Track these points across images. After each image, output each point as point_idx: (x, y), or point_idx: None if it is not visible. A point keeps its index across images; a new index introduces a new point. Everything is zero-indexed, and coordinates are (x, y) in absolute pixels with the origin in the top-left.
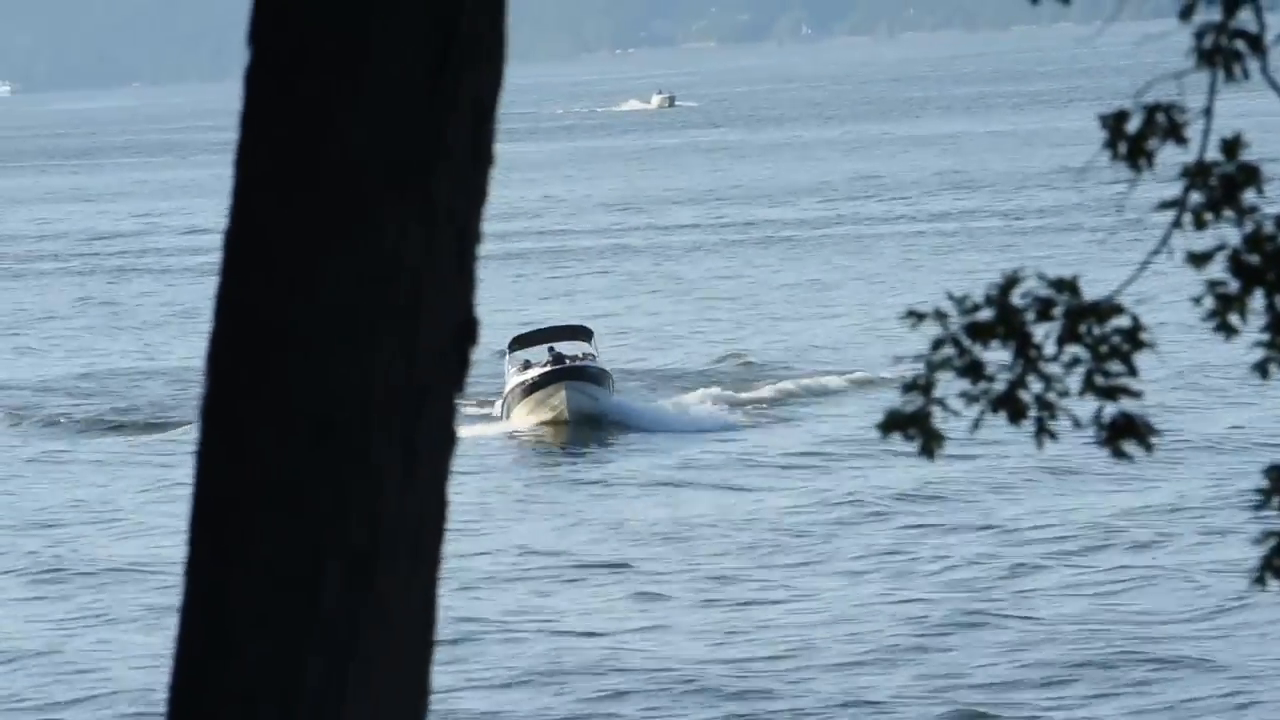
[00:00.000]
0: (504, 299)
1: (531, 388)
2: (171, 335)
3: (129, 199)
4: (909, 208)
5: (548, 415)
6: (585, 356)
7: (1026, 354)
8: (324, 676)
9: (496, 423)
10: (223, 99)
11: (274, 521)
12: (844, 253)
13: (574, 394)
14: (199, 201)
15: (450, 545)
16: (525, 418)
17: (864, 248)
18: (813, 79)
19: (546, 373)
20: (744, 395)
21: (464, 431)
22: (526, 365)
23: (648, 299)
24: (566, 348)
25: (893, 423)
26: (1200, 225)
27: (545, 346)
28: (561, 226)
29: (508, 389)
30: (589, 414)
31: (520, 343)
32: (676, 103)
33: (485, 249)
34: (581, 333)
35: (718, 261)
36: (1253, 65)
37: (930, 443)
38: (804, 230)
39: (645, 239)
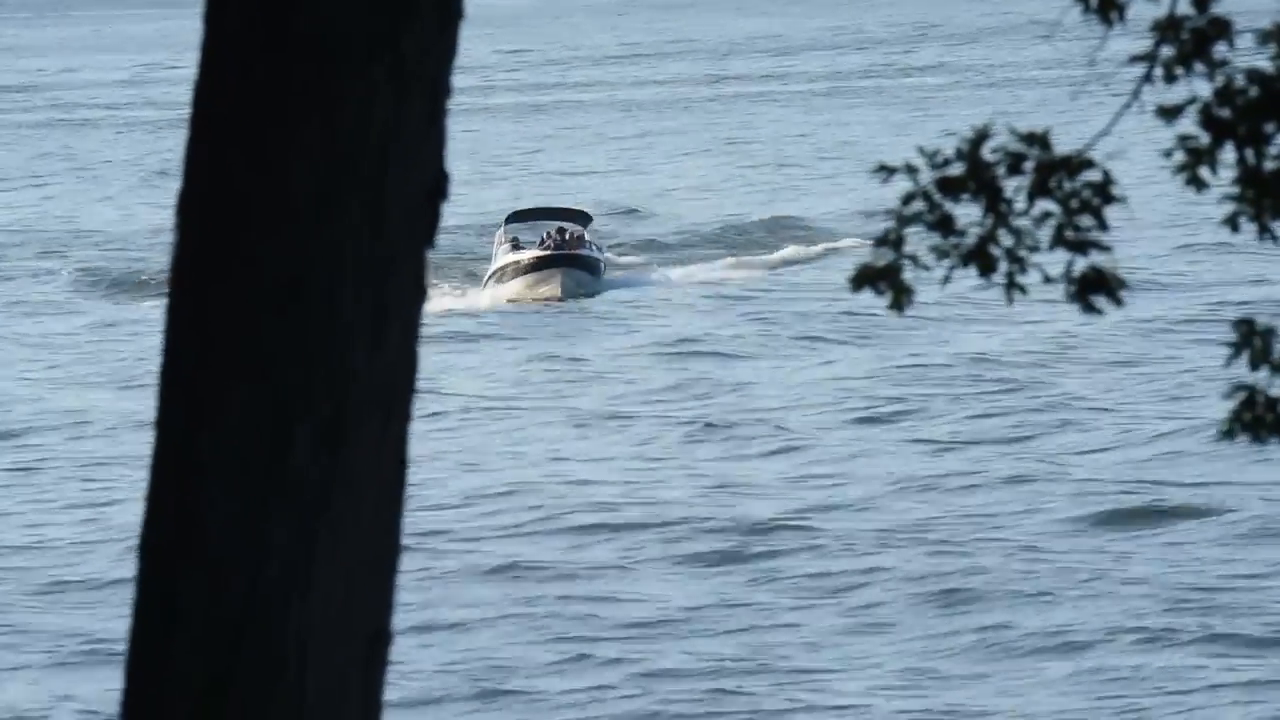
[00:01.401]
0: (518, 150)
1: (529, 268)
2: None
3: (101, 51)
4: (884, 61)
5: (541, 295)
6: (582, 240)
7: (997, 208)
8: (292, 538)
9: (482, 291)
10: None
11: (243, 384)
12: (822, 108)
13: (569, 280)
14: (167, 55)
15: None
16: (518, 293)
17: (840, 103)
18: None
19: (546, 255)
20: (740, 268)
21: (449, 299)
22: (516, 243)
23: (667, 155)
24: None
25: (863, 277)
26: (1171, 79)
27: (544, 226)
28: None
29: (501, 263)
30: (580, 298)
31: (519, 217)
32: None
33: (530, 98)
34: (580, 217)
35: (741, 116)
36: None
37: (900, 296)
38: (777, 85)
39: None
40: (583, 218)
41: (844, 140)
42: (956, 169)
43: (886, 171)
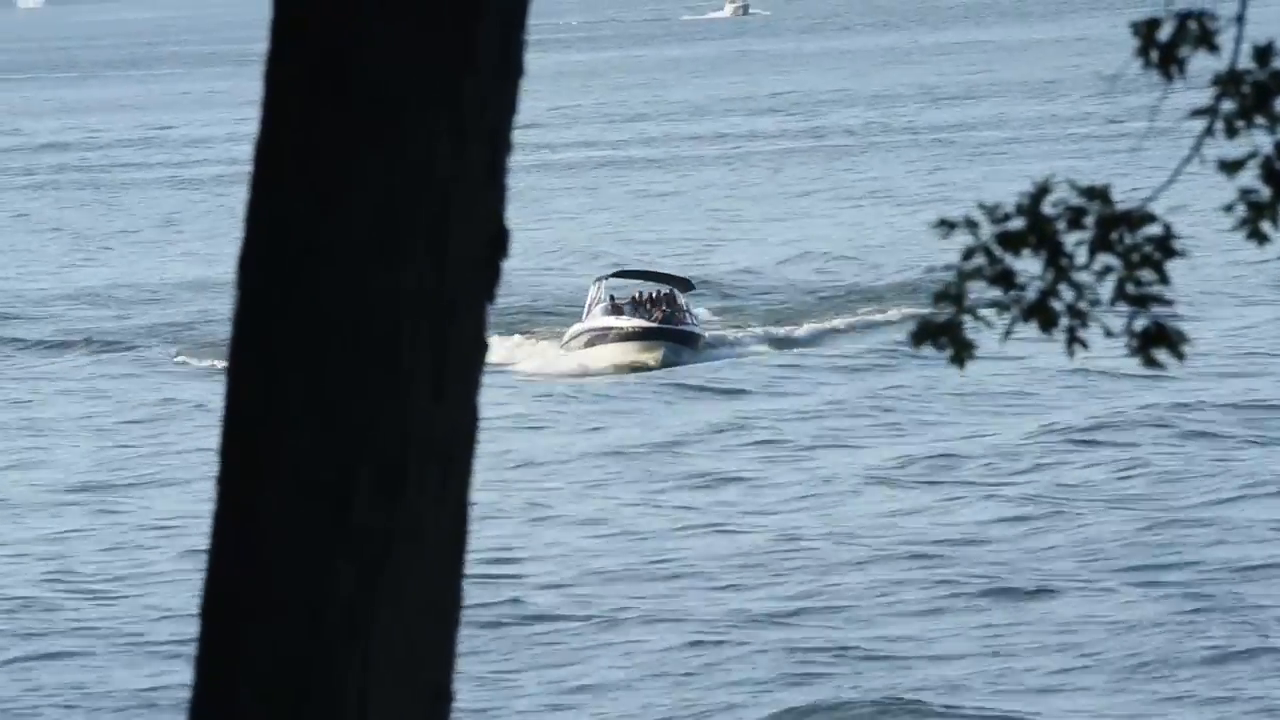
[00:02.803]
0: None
1: (631, 336)
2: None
3: (162, 110)
4: (943, 117)
5: (639, 363)
6: (682, 309)
7: (1058, 263)
8: (354, 588)
9: (571, 347)
10: (254, 10)
11: (305, 433)
12: (881, 160)
13: (670, 354)
14: (226, 113)
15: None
16: (614, 359)
17: (893, 157)
18: None
19: (652, 328)
20: (823, 337)
21: (531, 360)
22: (615, 303)
23: (745, 214)
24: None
25: (924, 332)
26: (1232, 133)
27: (642, 288)
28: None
29: (599, 324)
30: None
31: (622, 275)
32: (750, 10)
33: (598, 154)
34: (682, 284)
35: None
36: None
37: (961, 352)
38: (838, 139)
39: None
40: (684, 284)
41: (906, 196)
42: (1017, 223)
43: (947, 226)
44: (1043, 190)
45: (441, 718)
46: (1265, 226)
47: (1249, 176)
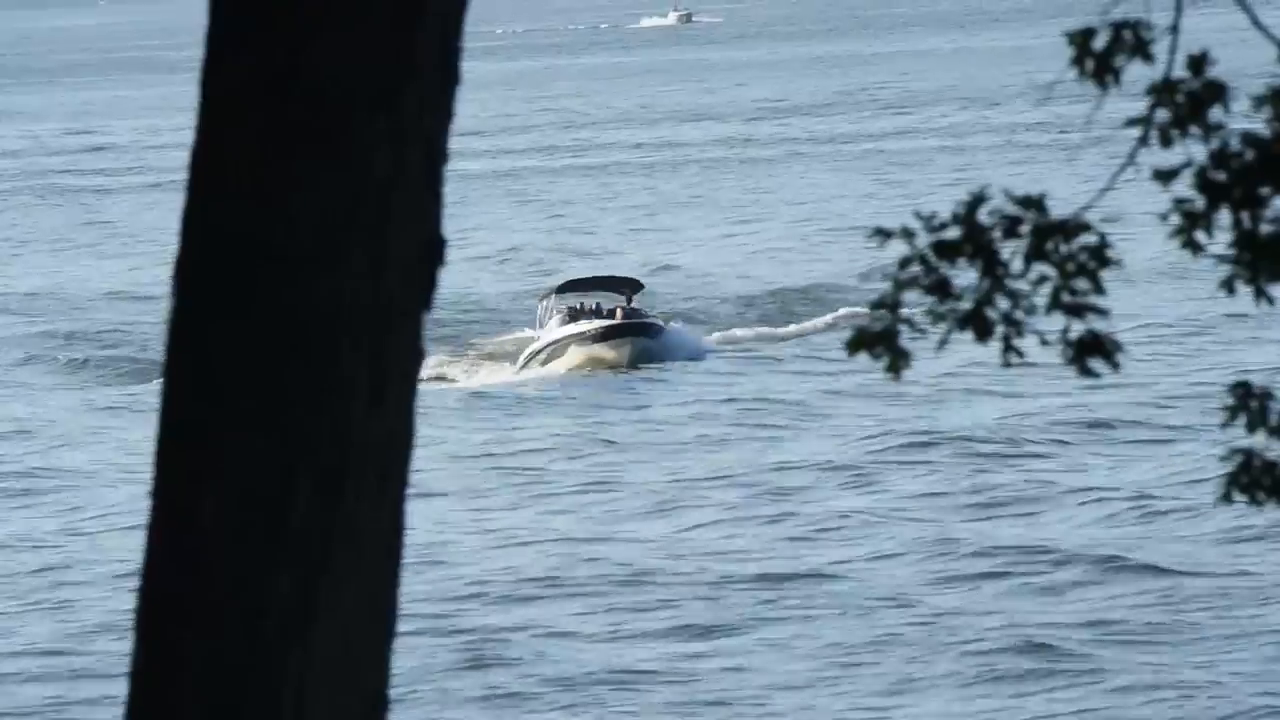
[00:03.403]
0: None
1: (597, 337)
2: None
3: (89, 117)
4: (879, 125)
5: (608, 362)
6: (638, 309)
7: (994, 272)
8: (292, 594)
9: (532, 363)
10: (188, 17)
11: (243, 439)
12: (824, 169)
13: (637, 348)
14: (159, 120)
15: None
16: (582, 362)
17: (839, 165)
18: None
19: (619, 324)
20: (780, 330)
21: (495, 375)
22: (574, 313)
23: (682, 221)
24: (608, 299)
25: (860, 341)
26: (1167, 143)
27: (592, 296)
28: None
29: (559, 334)
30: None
31: (570, 287)
32: (694, 19)
33: (569, 160)
34: (631, 285)
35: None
36: None
37: (896, 361)
38: (773, 148)
39: (678, 155)
40: (634, 285)
41: (838, 203)
42: (953, 232)
43: (883, 235)
44: (978, 199)
45: None
46: (1199, 236)
47: (1184, 186)
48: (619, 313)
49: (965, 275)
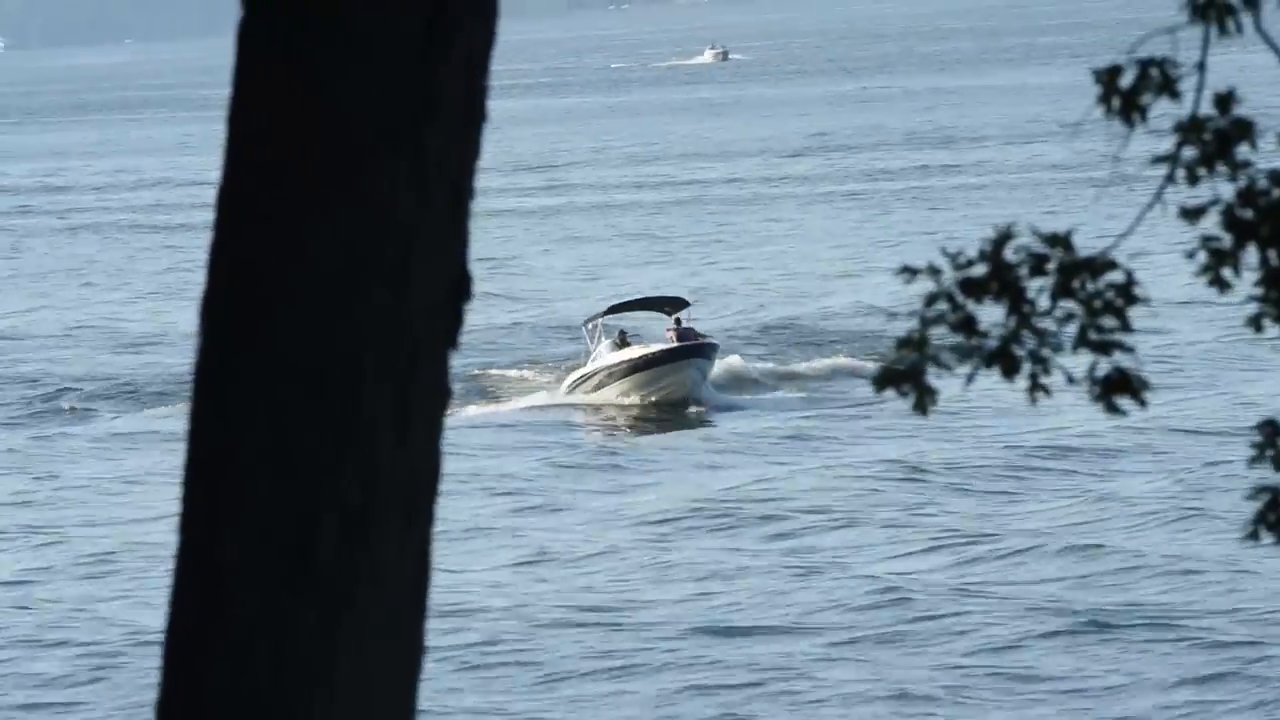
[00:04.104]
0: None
1: (654, 361)
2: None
3: (123, 155)
4: (906, 163)
5: (661, 393)
6: (690, 329)
7: (1020, 309)
8: (316, 633)
9: (584, 389)
10: (216, 56)
11: (268, 478)
12: (846, 208)
13: (696, 373)
14: (190, 159)
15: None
16: (634, 392)
17: (872, 204)
18: (817, 32)
19: (677, 348)
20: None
21: (545, 400)
22: (623, 338)
23: (719, 259)
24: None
25: (886, 378)
26: (1193, 180)
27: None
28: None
29: (607, 361)
30: (698, 396)
31: (619, 309)
32: (730, 56)
33: (594, 198)
34: (678, 304)
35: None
36: (1246, 19)
37: (923, 398)
38: (801, 186)
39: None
40: (680, 304)
41: (870, 240)
42: (979, 270)
43: (910, 273)
44: (1005, 237)
45: None
46: (1226, 274)
47: (1210, 224)
48: (672, 335)
49: (991, 312)
